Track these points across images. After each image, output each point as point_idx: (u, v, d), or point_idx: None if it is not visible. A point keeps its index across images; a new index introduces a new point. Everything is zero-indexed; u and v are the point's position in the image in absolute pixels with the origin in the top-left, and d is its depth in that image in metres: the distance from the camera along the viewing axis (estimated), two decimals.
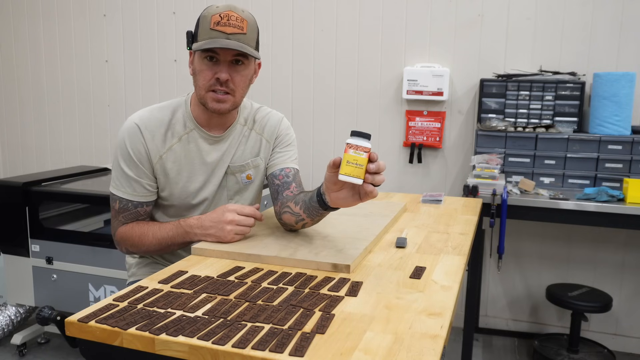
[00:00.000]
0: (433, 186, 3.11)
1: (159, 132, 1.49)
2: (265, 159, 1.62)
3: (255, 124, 1.61)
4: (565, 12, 2.82)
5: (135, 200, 1.49)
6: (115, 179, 1.50)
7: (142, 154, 1.47)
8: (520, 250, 3.04)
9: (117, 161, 1.49)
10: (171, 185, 1.52)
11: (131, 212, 1.50)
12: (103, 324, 0.94)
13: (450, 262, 1.34)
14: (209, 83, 1.41)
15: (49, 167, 3.79)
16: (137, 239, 1.48)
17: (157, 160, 1.49)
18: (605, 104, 2.58)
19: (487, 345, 2.99)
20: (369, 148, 1.14)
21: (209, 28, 1.37)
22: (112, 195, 1.51)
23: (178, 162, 1.51)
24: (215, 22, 1.37)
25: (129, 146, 1.47)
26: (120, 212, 1.50)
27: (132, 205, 1.49)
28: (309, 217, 1.38)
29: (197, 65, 1.43)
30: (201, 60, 1.41)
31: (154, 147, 1.48)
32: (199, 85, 1.44)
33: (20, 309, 2.85)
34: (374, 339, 0.91)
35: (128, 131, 1.47)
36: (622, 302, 2.93)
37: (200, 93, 1.44)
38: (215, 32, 1.36)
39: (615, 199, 2.38)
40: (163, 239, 1.46)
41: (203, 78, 1.42)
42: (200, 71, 1.42)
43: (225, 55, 1.39)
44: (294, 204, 1.42)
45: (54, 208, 2.91)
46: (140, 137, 1.47)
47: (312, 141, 3.28)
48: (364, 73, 3.15)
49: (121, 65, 3.60)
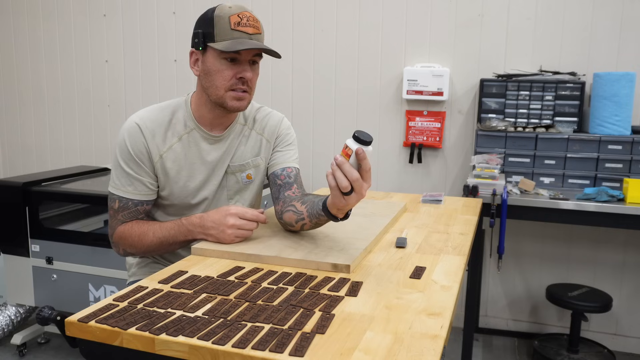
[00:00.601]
0: (433, 186, 3.11)
1: (160, 132, 1.49)
2: (266, 159, 1.63)
3: (256, 124, 1.61)
4: (565, 12, 2.82)
5: (135, 199, 1.49)
6: (115, 179, 1.50)
7: (143, 152, 1.47)
8: (520, 250, 3.04)
9: (117, 160, 1.49)
10: (171, 184, 1.52)
11: (131, 210, 1.49)
12: (103, 324, 0.94)
13: (450, 262, 1.34)
14: (229, 83, 1.42)
15: (49, 167, 3.79)
16: (136, 238, 1.47)
17: (158, 159, 1.49)
18: (605, 104, 2.58)
19: (487, 345, 2.99)
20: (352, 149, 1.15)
21: (230, 29, 1.38)
22: (111, 195, 1.50)
23: (178, 162, 1.51)
24: (235, 23, 1.38)
25: (130, 145, 1.47)
26: (119, 211, 1.49)
27: (133, 204, 1.49)
28: (309, 217, 1.38)
29: (213, 66, 1.42)
30: (219, 60, 1.41)
31: (155, 146, 1.48)
32: (216, 85, 1.43)
33: (20, 309, 2.85)
34: (374, 339, 0.91)
35: (128, 130, 1.47)
36: (622, 302, 2.93)
37: (217, 93, 1.44)
38: (237, 32, 1.38)
39: (615, 199, 2.38)
40: (164, 237, 1.45)
41: (223, 78, 1.42)
42: (219, 71, 1.42)
43: (246, 55, 1.41)
44: (300, 203, 1.42)
45: (54, 208, 2.91)
46: (140, 135, 1.47)
47: (312, 141, 3.28)
48: (364, 73, 3.15)
49: (121, 65, 3.60)
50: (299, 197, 1.47)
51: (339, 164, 1.14)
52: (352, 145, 1.15)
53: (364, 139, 1.14)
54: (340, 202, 1.19)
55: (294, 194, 1.54)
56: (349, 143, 1.16)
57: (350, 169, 1.13)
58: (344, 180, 1.14)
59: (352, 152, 1.15)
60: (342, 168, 1.14)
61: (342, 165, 1.14)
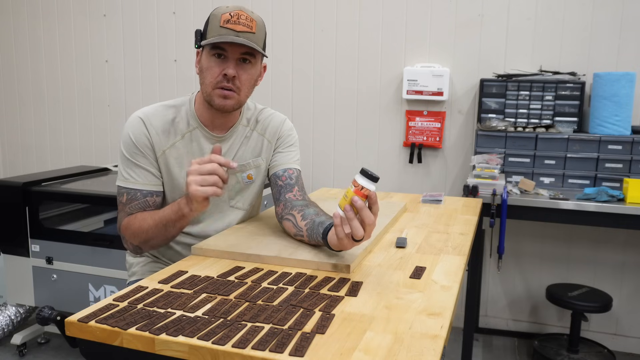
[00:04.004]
0: (433, 186, 3.11)
1: (163, 129, 1.49)
2: (267, 160, 1.62)
3: (258, 125, 1.61)
4: (565, 12, 2.82)
5: (144, 189, 1.47)
6: (123, 172, 1.48)
7: (147, 144, 1.47)
8: (520, 250, 3.04)
9: (122, 155, 1.48)
10: (172, 182, 1.52)
11: (139, 201, 1.46)
12: (103, 324, 0.94)
13: (450, 262, 1.34)
14: (216, 80, 1.41)
15: (49, 167, 3.79)
16: (137, 225, 1.41)
17: (161, 155, 1.49)
18: (605, 104, 2.58)
19: (487, 345, 2.99)
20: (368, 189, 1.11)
21: (219, 26, 1.38)
22: (119, 189, 1.48)
23: (180, 160, 1.51)
24: (225, 20, 1.38)
25: (134, 137, 1.46)
26: (127, 203, 1.46)
27: (141, 194, 1.47)
28: (308, 237, 1.36)
29: (204, 63, 1.43)
30: (209, 57, 1.42)
31: (158, 142, 1.48)
32: (205, 82, 1.44)
33: (20, 309, 2.85)
34: (374, 339, 0.91)
35: (132, 124, 1.48)
36: (622, 302, 2.93)
37: (207, 90, 1.44)
38: (224, 29, 1.37)
39: (615, 199, 2.38)
40: (159, 218, 1.38)
41: (210, 75, 1.42)
42: (208, 68, 1.42)
43: (233, 53, 1.40)
44: (301, 217, 1.39)
45: (54, 208, 2.91)
46: (144, 129, 1.47)
47: (312, 141, 3.28)
48: (364, 73, 3.15)
49: (121, 65, 3.60)
50: (299, 205, 1.46)
51: (359, 208, 1.10)
52: (368, 186, 1.11)
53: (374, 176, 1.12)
54: (348, 246, 1.19)
55: (294, 196, 1.53)
56: (363, 182, 1.12)
57: (369, 215, 1.10)
58: (360, 230, 1.11)
59: (368, 192, 1.10)
60: (362, 213, 1.10)
61: (361, 211, 1.10)
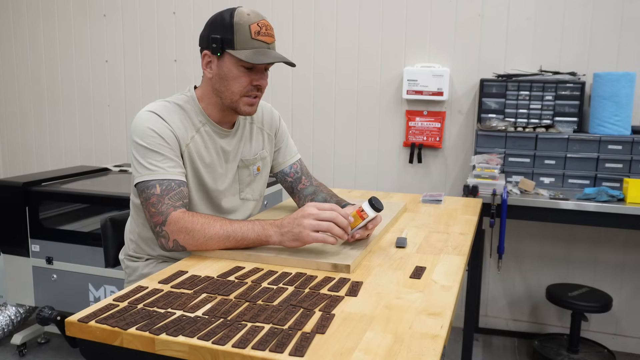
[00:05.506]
0: (433, 186, 3.11)
1: (179, 123, 1.47)
2: (270, 152, 1.71)
3: (254, 118, 1.67)
4: (565, 12, 2.82)
5: (177, 179, 1.40)
6: (147, 165, 1.39)
7: (173, 137, 1.43)
8: (520, 250, 3.04)
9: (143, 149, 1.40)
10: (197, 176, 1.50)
11: (176, 191, 1.38)
12: (103, 324, 0.94)
13: (450, 262, 1.34)
14: (245, 89, 1.46)
15: (49, 167, 3.79)
16: (199, 226, 1.33)
17: (185, 148, 1.47)
18: (605, 104, 2.58)
19: (487, 345, 2.99)
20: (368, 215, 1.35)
21: (251, 38, 1.40)
22: (145, 184, 1.38)
23: (200, 153, 1.51)
24: (255, 32, 1.41)
25: (158, 130, 1.41)
26: (164, 194, 1.36)
27: (175, 184, 1.39)
28: None
29: (230, 72, 1.44)
30: (237, 67, 1.43)
31: (181, 135, 1.46)
32: (231, 90, 1.45)
33: (20, 309, 2.85)
34: (374, 339, 0.91)
35: (149, 119, 1.43)
36: (622, 302, 2.93)
37: (232, 98, 1.47)
38: (257, 42, 1.41)
39: (615, 199, 2.38)
40: (234, 231, 1.32)
41: (239, 84, 1.45)
42: (236, 77, 1.44)
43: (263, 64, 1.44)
44: None
45: (54, 208, 2.91)
46: (164, 122, 1.43)
47: (312, 141, 3.28)
48: (364, 73, 3.15)
49: (121, 65, 3.60)
50: (310, 194, 1.72)
51: None
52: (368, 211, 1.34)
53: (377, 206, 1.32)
54: None
55: (304, 185, 1.75)
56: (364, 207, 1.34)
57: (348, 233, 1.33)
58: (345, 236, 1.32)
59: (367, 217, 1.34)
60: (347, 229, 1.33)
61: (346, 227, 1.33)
